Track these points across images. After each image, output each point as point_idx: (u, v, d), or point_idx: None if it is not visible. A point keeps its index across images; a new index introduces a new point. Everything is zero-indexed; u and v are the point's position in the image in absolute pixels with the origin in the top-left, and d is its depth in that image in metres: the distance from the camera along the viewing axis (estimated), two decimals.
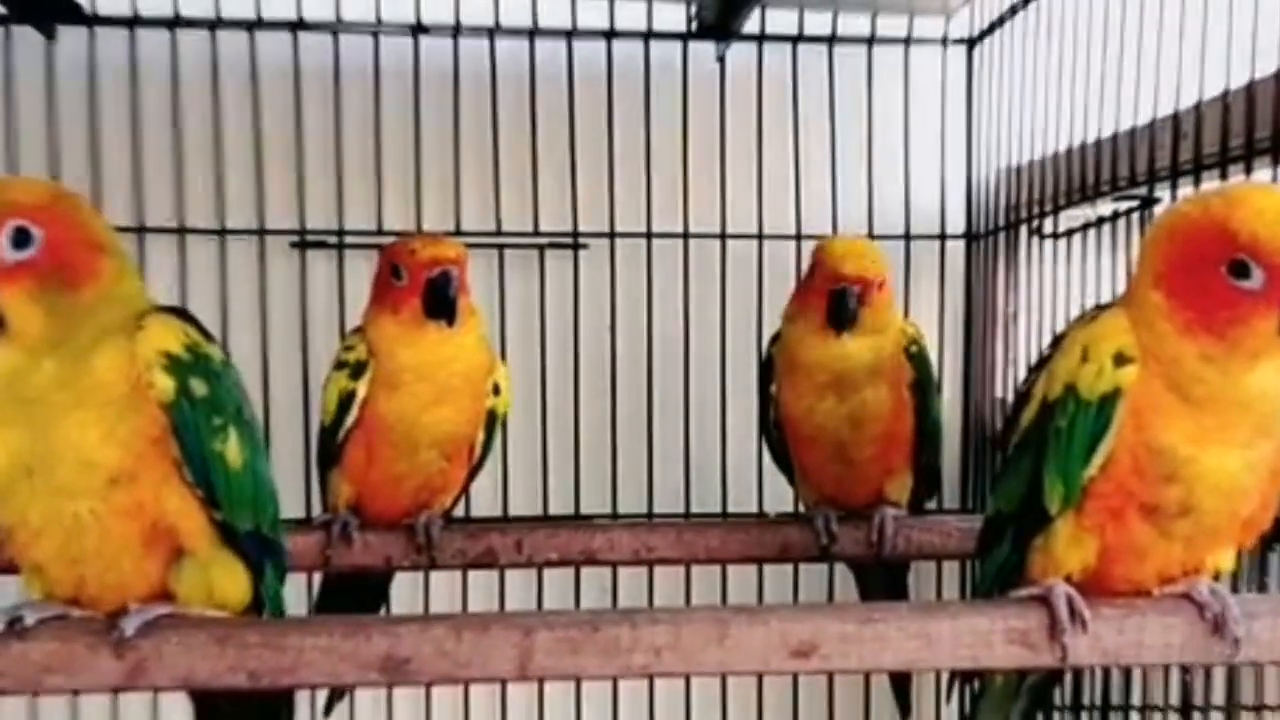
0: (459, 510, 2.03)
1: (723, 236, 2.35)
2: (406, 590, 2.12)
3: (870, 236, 2.31)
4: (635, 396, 2.35)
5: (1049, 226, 2.13)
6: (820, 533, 1.88)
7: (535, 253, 2.32)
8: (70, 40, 2.19)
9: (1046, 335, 2.07)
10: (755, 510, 2.33)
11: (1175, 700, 1.81)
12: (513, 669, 1.21)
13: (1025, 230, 2.23)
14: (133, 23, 2.19)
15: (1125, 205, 1.89)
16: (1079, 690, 1.95)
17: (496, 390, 1.86)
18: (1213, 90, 1.63)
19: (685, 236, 2.34)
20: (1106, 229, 1.95)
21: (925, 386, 1.88)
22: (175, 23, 2.19)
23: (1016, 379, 2.21)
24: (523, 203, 2.30)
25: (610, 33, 2.30)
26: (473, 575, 2.21)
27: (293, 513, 1.91)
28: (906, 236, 2.37)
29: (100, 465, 1.19)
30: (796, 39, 2.34)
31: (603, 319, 2.33)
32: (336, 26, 2.22)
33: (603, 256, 2.32)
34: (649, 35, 2.31)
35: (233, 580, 1.31)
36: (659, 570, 2.24)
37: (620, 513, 2.32)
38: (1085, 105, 1.97)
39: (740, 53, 2.33)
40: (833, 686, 2.39)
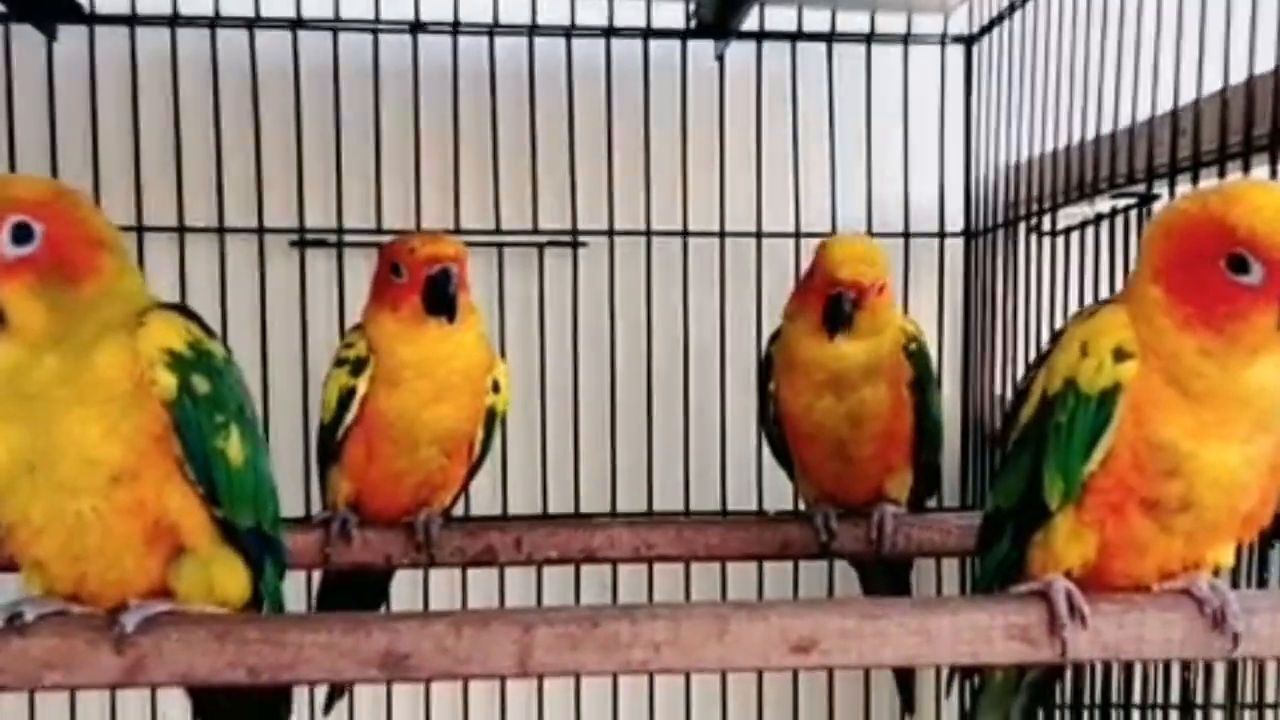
0: (458, 508, 2.03)
1: (722, 234, 2.35)
2: (406, 589, 2.12)
3: (869, 234, 2.31)
4: (635, 394, 2.35)
5: (1048, 224, 2.13)
6: (820, 530, 1.88)
7: (534, 251, 2.32)
8: (70, 39, 2.19)
9: (1046, 332, 2.07)
10: (755, 508, 2.33)
11: (1176, 698, 1.81)
12: (512, 665, 1.21)
13: (1024, 227, 2.22)
14: (132, 21, 2.19)
15: (1124, 202, 1.89)
16: (1080, 688, 1.95)
17: (496, 388, 1.86)
18: (1211, 87, 1.63)
19: (684, 234, 2.34)
20: (1105, 226, 1.94)
21: (925, 384, 1.88)
22: (174, 21, 2.19)
23: (1016, 376, 2.21)
24: (522, 201, 2.30)
25: (609, 31, 2.30)
26: (472, 574, 2.21)
27: (292, 510, 1.91)
28: (905, 234, 2.37)
29: (102, 462, 1.19)
30: (795, 37, 2.34)
31: (602, 317, 2.33)
32: (335, 24, 2.22)
33: (602, 255, 2.32)
34: (648, 33, 2.31)
35: (233, 577, 1.31)
36: (659, 568, 2.24)
37: (620, 510, 2.31)
38: (1084, 102, 1.97)
39: (739, 51, 2.34)
40: (833, 682, 2.39)
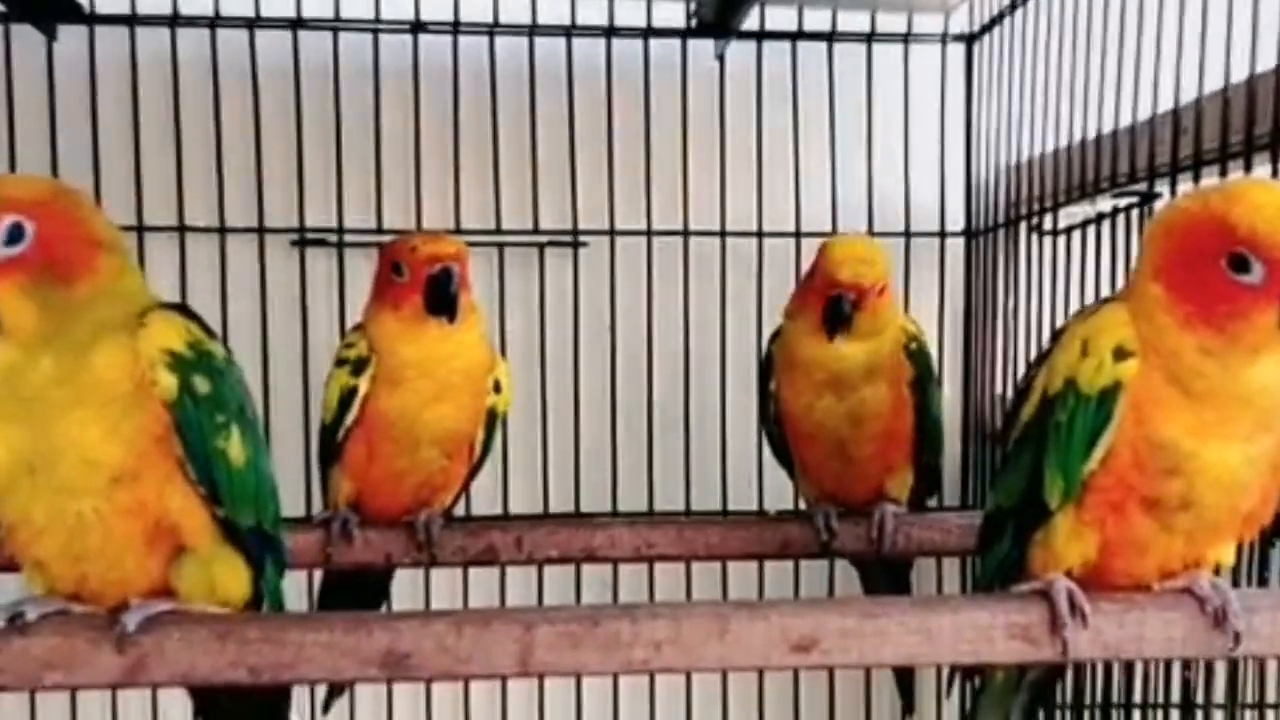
0: (459, 508, 2.03)
1: (722, 234, 2.35)
2: (407, 588, 2.12)
3: (870, 233, 2.31)
4: (635, 394, 2.34)
5: (1049, 223, 2.13)
6: (820, 530, 1.87)
7: (535, 251, 2.32)
8: (70, 39, 2.19)
9: (1046, 332, 2.07)
10: (755, 507, 2.33)
11: (1177, 698, 1.80)
12: (513, 664, 1.21)
13: (1025, 227, 2.22)
14: (132, 20, 2.19)
15: (1125, 201, 1.89)
16: (1080, 688, 1.95)
17: (497, 387, 1.86)
18: (1212, 86, 1.63)
19: (685, 234, 2.34)
20: (1106, 225, 1.94)
21: (925, 384, 1.88)
22: (174, 20, 2.19)
23: (1016, 375, 2.21)
24: (522, 200, 2.30)
25: (610, 30, 2.30)
26: (473, 573, 2.21)
27: (293, 510, 1.91)
28: (906, 234, 2.37)
29: (103, 463, 1.19)
30: (796, 36, 2.33)
31: (603, 317, 2.32)
32: (336, 24, 2.22)
33: (603, 254, 2.32)
34: (648, 33, 2.31)
35: (234, 576, 1.31)
36: (659, 568, 2.24)
37: (620, 510, 2.31)
38: (1085, 101, 1.97)
39: (739, 50, 2.33)
40: (833, 682, 2.39)
